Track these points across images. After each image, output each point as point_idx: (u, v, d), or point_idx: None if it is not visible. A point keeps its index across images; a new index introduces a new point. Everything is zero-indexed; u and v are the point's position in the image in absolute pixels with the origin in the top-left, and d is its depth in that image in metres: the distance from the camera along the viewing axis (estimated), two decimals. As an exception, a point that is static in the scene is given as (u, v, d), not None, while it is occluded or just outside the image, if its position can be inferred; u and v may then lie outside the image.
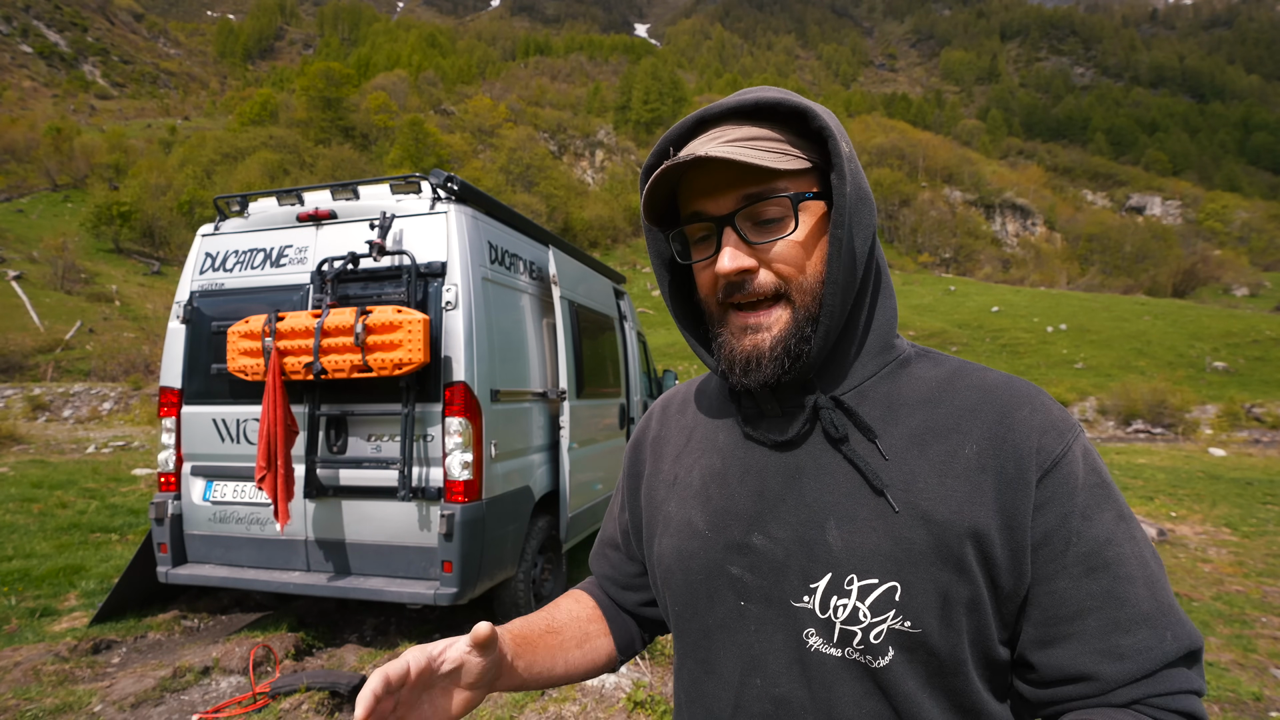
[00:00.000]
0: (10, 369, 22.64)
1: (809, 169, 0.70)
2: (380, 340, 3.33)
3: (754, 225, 0.70)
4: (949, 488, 0.65)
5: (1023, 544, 0.63)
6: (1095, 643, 0.62)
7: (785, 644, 0.70)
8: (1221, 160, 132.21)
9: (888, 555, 0.65)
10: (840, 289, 0.68)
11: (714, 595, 0.75)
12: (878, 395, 0.72)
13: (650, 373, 7.19)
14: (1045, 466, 0.64)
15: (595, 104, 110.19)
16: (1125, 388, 21.21)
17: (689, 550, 0.77)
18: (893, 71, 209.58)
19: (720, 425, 0.82)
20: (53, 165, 54.30)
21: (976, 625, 0.64)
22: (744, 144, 0.68)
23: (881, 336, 0.75)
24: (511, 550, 3.91)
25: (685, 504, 0.80)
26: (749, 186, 0.69)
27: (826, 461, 0.71)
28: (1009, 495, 0.64)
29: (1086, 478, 0.65)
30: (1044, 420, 0.66)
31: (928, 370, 0.74)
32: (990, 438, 0.66)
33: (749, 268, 0.69)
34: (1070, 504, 0.63)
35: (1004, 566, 0.63)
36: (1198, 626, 4.14)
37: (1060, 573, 0.63)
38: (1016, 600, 0.64)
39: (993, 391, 0.69)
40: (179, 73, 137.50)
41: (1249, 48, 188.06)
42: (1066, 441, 0.65)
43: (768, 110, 0.70)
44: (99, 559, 5.34)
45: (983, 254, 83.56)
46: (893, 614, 0.64)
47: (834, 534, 0.67)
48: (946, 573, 0.63)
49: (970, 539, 0.63)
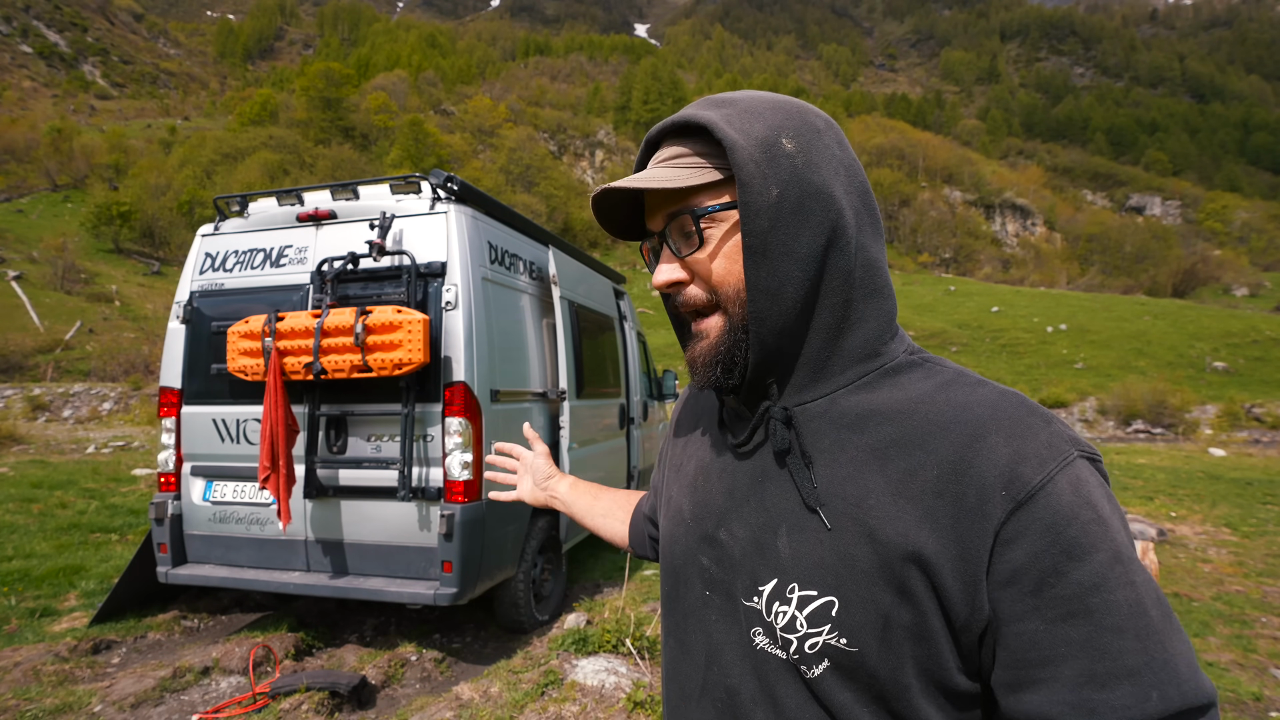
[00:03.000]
0: (10, 369, 22.63)
1: (728, 179, 0.70)
2: (380, 340, 3.33)
3: (683, 240, 0.73)
4: (900, 509, 0.62)
5: (977, 577, 0.59)
6: (1066, 694, 0.56)
7: (739, 638, 0.72)
8: (1221, 160, 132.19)
9: (829, 569, 0.64)
10: (769, 295, 0.67)
11: (688, 581, 0.79)
12: (848, 405, 0.69)
13: (650, 373, 7.19)
14: (1018, 499, 0.58)
15: (595, 104, 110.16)
16: (1125, 388, 21.24)
17: (675, 535, 0.83)
18: (893, 72, 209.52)
19: (711, 420, 0.86)
20: (53, 165, 54.27)
21: (926, 653, 0.61)
22: (668, 164, 0.72)
23: (866, 343, 0.71)
24: (511, 550, 3.91)
25: (681, 491, 0.85)
26: (669, 205, 0.72)
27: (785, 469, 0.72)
28: (965, 525, 0.59)
29: (1076, 512, 0.58)
30: (1022, 448, 0.60)
31: (915, 380, 0.69)
32: (954, 461, 0.61)
33: (677, 280, 0.73)
34: (1045, 540, 0.57)
35: (956, 598, 0.60)
36: (1198, 627, 4.14)
37: (1031, 614, 0.58)
38: (973, 634, 0.60)
39: (971, 410, 0.64)
40: (179, 73, 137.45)
41: (1249, 48, 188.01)
42: (1048, 472, 0.59)
43: (683, 128, 0.72)
44: (99, 559, 5.34)
45: (983, 254, 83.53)
46: (828, 629, 0.64)
47: (784, 541, 0.68)
48: (888, 594, 0.61)
49: (914, 563, 0.60)
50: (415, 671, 3.67)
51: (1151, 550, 4.71)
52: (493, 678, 3.32)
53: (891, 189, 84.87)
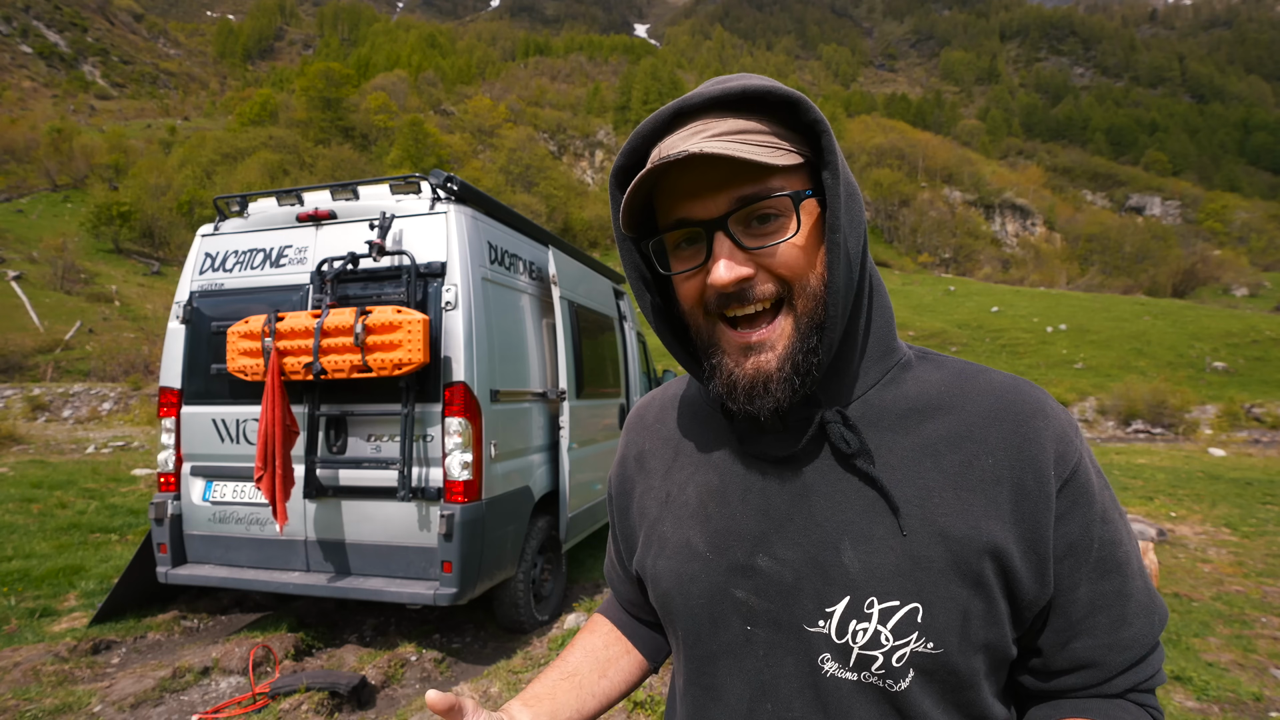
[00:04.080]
0: (10, 369, 22.63)
1: (801, 165, 0.64)
2: (380, 340, 3.33)
3: (747, 229, 0.63)
4: (965, 501, 0.63)
5: (1045, 555, 0.63)
6: (1104, 636, 0.65)
7: (797, 669, 0.66)
8: (1221, 160, 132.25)
9: (907, 575, 0.62)
10: (841, 295, 0.63)
11: (717, 620, 0.70)
12: (884, 403, 0.69)
13: (650, 373, 7.19)
14: (1064, 476, 0.63)
15: (595, 104, 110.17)
16: (1125, 388, 21.22)
17: (689, 573, 0.72)
18: (892, 72, 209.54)
19: (712, 438, 0.77)
20: (52, 165, 54.29)
21: (994, 636, 0.63)
22: (733, 139, 0.61)
23: (882, 341, 0.71)
24: (511, 550, 3.90)
25: (682, 524, 0.75)
26: (743, 187, 0.62)
27: (836, 478, 0.67)
28: (1029, 508, 0.62)
29: (1097, 480, 0.66)
30: (1057, 428, 0.65)
31: (931, 373, 0.71)
32: (1008, 448, 0.64)
33: (747, 276, 0.63)
34: (1090, 511, 0.64)
35: (1025, 579, 0.62)
36: (1198, 627, 4.14)
37: (1084, 580, 0.64)
38: (1038, 608, 0.64)
39: (1006, 397, 0.67)
40: (179, 73, 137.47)
41: (1249, 48, 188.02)
42: (1076, 447, 0.65)
43: (755, 100, 0.62)
44: (99, 559, 5.34)
45: (982, 254, 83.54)
46: (915, 636, 0.61)
47: (849, 555, 0.64)
48: (965, 589, 0.62)
49: (989, 554, 0.62)
50: (415, 671, 3.67)
51: (1151, 550, 4.70)
52: (492, 678, 3.32)
53: (891, 189, 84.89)
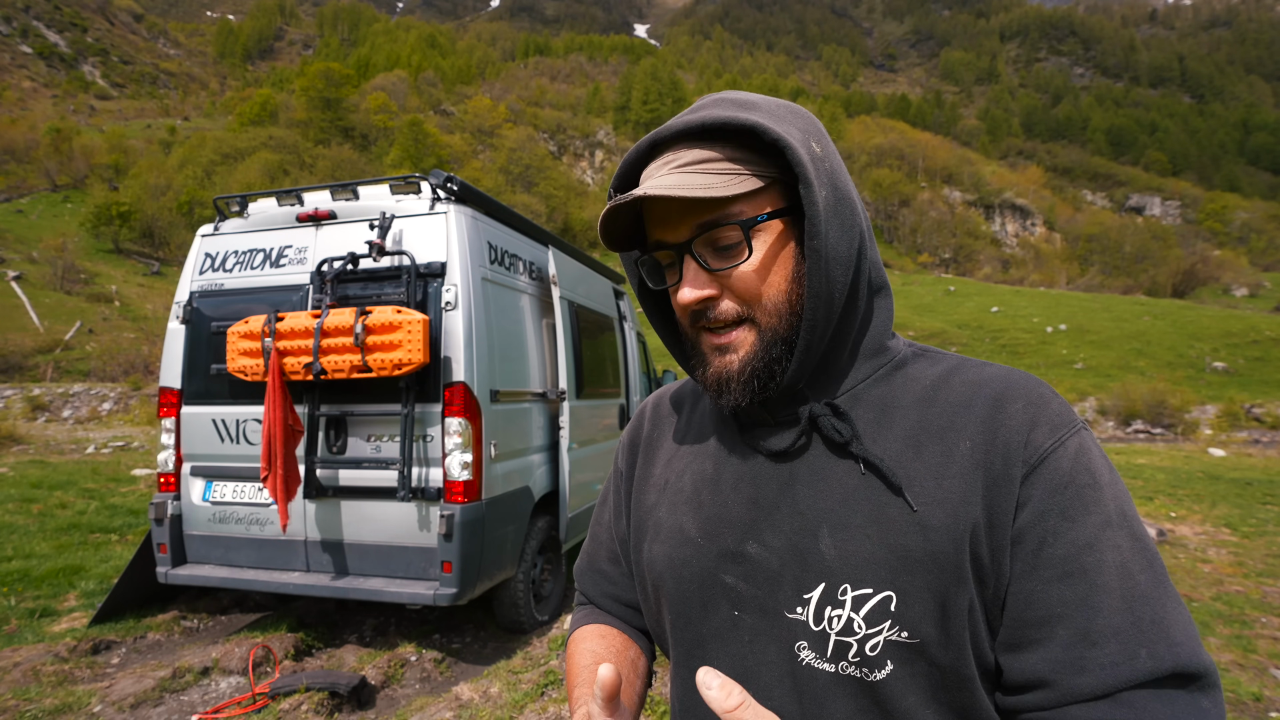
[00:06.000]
0: (10, 369, 22.63)
1: (770, 184, 0.67)
2: (380, 340, 3.33)
3: (714, 251, 0.68)
4: (946, 489, 0.63)
5: (1003, 543, 0.60)
6: (1060, 652, 0.58)
7: (778, 656, 0.67)
8: (1221, 160, 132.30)
9: (882, 563, 0.62)
10: (824, 301, 0.65)
11: (707, 604, 0.73)
12: (871, 399, 0.70)
13: (650, 373, 7.19)
14: (1031, 462, 0.61)
15: (595, 104, 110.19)
16: (1125, 388, 21.22)
17: (681, 558, 0.75)
18: (892, 72, 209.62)
19: (712, 429, 0.80)
20: (52, 165, 54.30)
21: (975, 633, 0.61)
22: (693, 169, 0.66)
23: (876, 339, 0.73)
24: (511, 550, 3.91)
25: (676, 509, 0.78)
26: (701, 215, 0.66)
27: (821, 467, 0.69)
28: (994, 493, 0.61)
29: (1075, 476, 0.61)
30: (1038, 414, 0.63)
31: (924, 369, 0.72)
32: (983, 432, 0.64)
33: (708, 296, 0.68)
34: (1049, 502, 0.60)
35: (988, 567, 0.61)
36: (1198, 627, 4.14)
37: (1030, 573, 0.60)
38: (999, 602, 0.61)
39: (987, 385, 0.67)
40: (179, 73, 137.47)
41: (1249, 48, 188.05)
42: (1059, 437, 0.62)
43: (715, 130, 0.67)
44: (98, 559, 5.34)
45: (982, 254, 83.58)
46: (888, 624, 0.62)
47: (826, 542, 0.65)
48: (944, 579, 0.61)
49: (967, 543, 0.61)
50: (415, 672, 3.67)
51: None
52: (492, 678, 3.32)
53: (891, 189, 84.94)
